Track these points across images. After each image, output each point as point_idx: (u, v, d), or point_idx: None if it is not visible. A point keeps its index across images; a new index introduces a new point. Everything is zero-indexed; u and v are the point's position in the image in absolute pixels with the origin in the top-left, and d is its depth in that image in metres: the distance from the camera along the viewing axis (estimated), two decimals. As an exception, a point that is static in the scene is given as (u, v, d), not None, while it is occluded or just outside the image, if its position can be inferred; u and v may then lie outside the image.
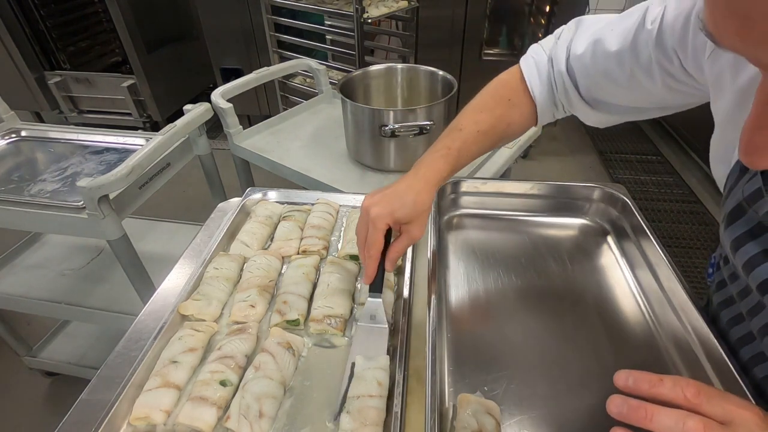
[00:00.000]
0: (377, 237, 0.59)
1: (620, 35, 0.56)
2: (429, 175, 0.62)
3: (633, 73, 0.56)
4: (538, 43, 0.69)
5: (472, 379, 0.58)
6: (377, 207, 0.58)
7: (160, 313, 0.66)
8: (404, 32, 2.31)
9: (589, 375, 0.59)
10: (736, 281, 0.52)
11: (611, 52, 0.57)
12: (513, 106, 0.67)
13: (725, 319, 0.56)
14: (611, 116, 0.66)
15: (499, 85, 0.69)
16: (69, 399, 0.54)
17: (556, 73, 0.65)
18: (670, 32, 0.50)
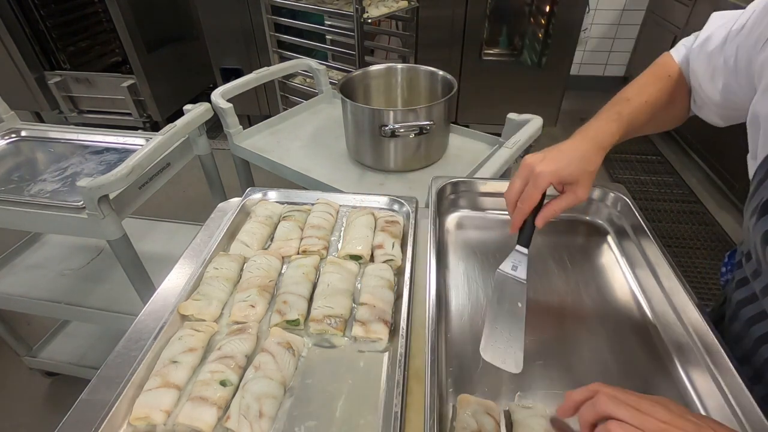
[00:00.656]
0: (535, 193, 0.58)
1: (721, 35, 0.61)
2: (599, 136, 0.61)
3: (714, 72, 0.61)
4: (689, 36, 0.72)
5: (472, 380, 0.58)
6: (542, 164, 0.58)
7: (160, 313, 0.66)
8: (404, 32, 2.31)
9: (589, 375, 0.59)
10: (759, 277, 0.52)
11: (709, 51, 0.62)
12: (673, 83, 0.67)
13: (745, 317, 0.55)
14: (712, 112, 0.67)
15: (657, 65, 0.70)
16: (69, 399, 0.54)
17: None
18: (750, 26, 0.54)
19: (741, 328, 0.56)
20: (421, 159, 1.24)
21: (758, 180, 0.50)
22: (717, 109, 0.64)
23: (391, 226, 0.78)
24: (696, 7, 2.63)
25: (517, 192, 0.60)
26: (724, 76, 0.59)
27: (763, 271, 0.50)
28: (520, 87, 2.71)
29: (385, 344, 0.61)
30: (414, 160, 1.23)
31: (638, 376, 0.59)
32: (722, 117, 0.65)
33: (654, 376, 0.59)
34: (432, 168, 1.26)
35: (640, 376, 0.59)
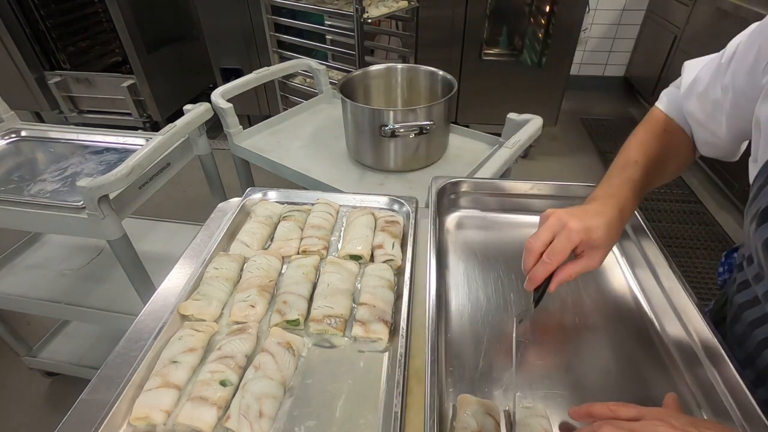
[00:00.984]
0: (567, 247, 0.55)
1: (708, 72, 0.63)
2: (622, 205, 0.59)
3: (713, 107, 0.62)
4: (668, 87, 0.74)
5: (472, 380, 0.58)
6: (576, 219, 0.55)
7: (160, 313, 0.66)
8: (404, 32, 2.31)
9: (589, 375, 0.59)
10: (762, 282, 0.52)
11: (700, 91, 0.63)
12: (670, 135, 0.68)
13: (747, 320, 0.55)
14: (716, 149, 0.67)
15: (651, 122, 0.70)
16: (69, 399, 0.54)
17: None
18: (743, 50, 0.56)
19: (743, 331, 0.56)
20: (421, 159, 1.24)
21: (758, 185, 0.50)
22: (726, 143, 0.64)
23: (391, 226, 0.78)
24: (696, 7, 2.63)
25: (544, 243, 0.56)
26: (725, 108, 0.59)
27: (765, 275, 0.50)
28: (520, 87, 2.71)
29: (385, 344, 0.61)
30: (414, 160, 1.23)
31: (638, 376, 0.59)
32: (734, 149, 0.65)
33: (654, 376, 0.59)
34: (432, 168, 1.26)
35: (639, 376, 0.59)
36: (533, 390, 0.57)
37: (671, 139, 0.68)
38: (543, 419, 0.51)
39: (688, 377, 0.58)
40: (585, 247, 0.56)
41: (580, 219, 0.55)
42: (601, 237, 0.55)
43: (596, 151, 2.93)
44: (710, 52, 0.65)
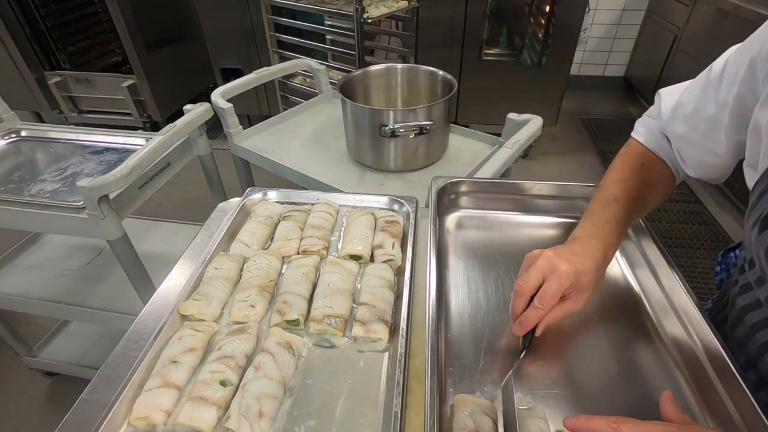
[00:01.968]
0: (558, 292, 0.54)
1: (693, 94, 0.62)
2: (606, 247, 0.58)
3: (706, 126, 0.60)
4: (641, 117, 0.74)
5: (472, 380, 0.58)
6: (566, 263, 0.54)
7: (160, 313, 0.66)
8: (404, 32, 2.31)
9: (589, 375, 0.59)
10: (764, 285, 0.51)
11: (687, 114, 0.63)
12: (648, 169, 0.67)
13: (750, 323, 0.55)
14: (705, 172, 0.67)
15: (625, 157, 0.69)
16: (69, 399, 0.54)
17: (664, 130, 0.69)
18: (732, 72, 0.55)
19: (745, 334, 0.56)
20: (421, 159, 1.24)
21: (759, 191, 0.50)
22: (726, 159, 0.62)
23: (391, 226, 0.78)
24: (696, 7, 2.63)
25: (533, 287, 0.55)
26: (723, 123, 0.58)
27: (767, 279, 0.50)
28: (520, 87, 2.71)
29: (385, 344, 0.61)
30: (414, 160, 1.23)
31: (638, 377, 0.59)
32: (731, 166, 0.64)
33: (654, 376, 0.59)
34: (432, 168, 1.26)
35: (639, 377, 0.59)
36: (533, 390, 0.57)
37: (650, 172, 0.67)
38: (541, 421, 0.51)
39: (688, 378, 0.58)
40: (572, 290, 0.56)
41: (570, 262, 0.54)
42: (589, 281, 0.55)
43: (596, 151, 2.93)
44: (710, 52, 0.66)
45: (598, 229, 0.60)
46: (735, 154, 0.61)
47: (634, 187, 0.64)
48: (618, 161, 0.69)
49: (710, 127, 0.60)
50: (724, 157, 0.62)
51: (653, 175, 0.67)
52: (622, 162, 0.68)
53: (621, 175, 0.66)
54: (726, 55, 0.58)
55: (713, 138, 0.60)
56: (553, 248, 0.58)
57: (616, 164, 0.68)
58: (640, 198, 0.64)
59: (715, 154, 0.62)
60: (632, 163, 0.68)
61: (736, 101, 0.55)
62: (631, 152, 0.70)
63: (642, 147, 0.69)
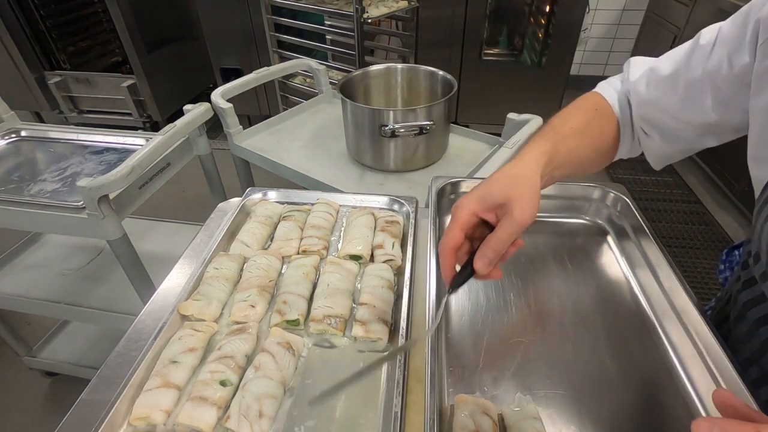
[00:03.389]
0: (452, 229, 0.48)
1: (672, 60, 0.58)
2: (525, 157, 0.52)
3: (687, 90, 0.56)
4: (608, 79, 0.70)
5: (472, 380, 0.58)
6: (462, 198, 0.49)
7: (160, 313, 0.66)
8: (404, 32, 2.31)
9: (589, 376, 0.59)
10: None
11: (664, 75, 0.58)
12: (600, 116, 0.63)
13: (753, 319, 0.55)
14: (668, 147, 0.64)
15: (581, 100, 0.65)
16: (69, 399, 0.54)
17: (625, 93, 0.65)
18: (727, 37, 0.51)
19: (748, 330, 0.56)
20: (421, 159, 1.24)
21: None
22: (700, 130, 0.59)
23: (391, 226, 0.78)
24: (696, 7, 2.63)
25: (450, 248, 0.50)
26: (717, 85, 0.53)
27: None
28: (520, 87, 2.71)
29: (385, 344, 0.61)
30: (414, 160, 1.23)
31: (638, 377, 0.59)
32: (696, 142, 0.61)
33: (654, 376, 0.59)
34: (432, 168, 1.26)
35: (640, 377, 0.59)
36: (533, 390, 0.57)
37: (601, 121, 0.63)
38: (536, 421, 0.51)
39: (688, 378, 0.58)
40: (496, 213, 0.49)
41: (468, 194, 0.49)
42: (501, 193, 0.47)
43: (596, 151, 2.92)
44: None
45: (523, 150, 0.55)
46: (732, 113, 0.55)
47: (580, 123, 0.60)
48: (571, 105, 0.64)
49: (692, 90, 0.56)
50: (697, 124, 0.58)
51: (604, 123, 0.63)
52: (575, 105, 0.64)
53: (566, 113, 0.62)
54: (718, 25, 0.55)
55: (693, 103, 0.56)
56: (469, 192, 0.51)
57: (571, 105, 0.64)
58: (581, 132, 0.59)
59: (684, 121, 0.59)
60: (584, 104, 0.64)
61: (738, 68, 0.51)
62: (588, 98, 0.65)
63: (601, 98, 0.65)
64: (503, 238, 0.47)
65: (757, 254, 0.53)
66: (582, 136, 0.59)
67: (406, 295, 0.65)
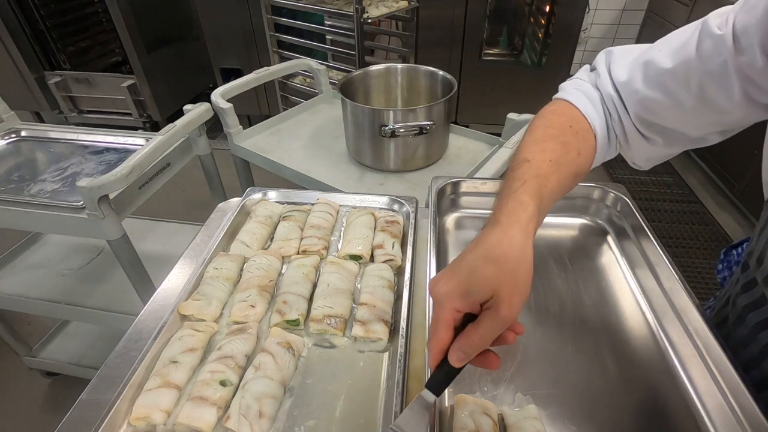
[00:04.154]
0: (437, 330, 0.41)
1: (674, 51, 0.51)
2: (509, 215, 0.44)
3: (703, 88, 0.49)
4: (571, 78, 0.61)
5: (472, 380, 0.58)
6: (438, 285, 0.42)
7: (160, 313, 0.66)
8: (404, 32, 2.31)
9: (589, 376, 0.59)
10: None
11: (667, 69, 0.51)
12: (576, 134, 0.55)
13: (752, 323, 0.54)
14: (667, 149, 0.58)
15: (552, 116, 0.57)
16: (69, 399, 0.54)
17: (606, 98, 0.58)
18: (754, 28, 0.44)
19: (747, 334, 0.55)
20: (421, 159, 1.24)
21: None
22: (711, 128, 0.54)
23: (391, 226, 0.78)
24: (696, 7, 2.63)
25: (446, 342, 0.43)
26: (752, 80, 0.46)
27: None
28: (520, 87, 2.71)
29: (385, 344, 0.61)
30: (414, 160, 1.23)
31: (638, 377, 0.59)
32: (699, 141, 0.56)
33: (654, 376, 0.59)
34: (432, 168, 1.26)
35: (640, 377, 0.59)
36: (533, 390, 0.57)
37: (577, 138, 0.56)
38: (536, 421, 0.51)
39: (688, 378, 0.58)
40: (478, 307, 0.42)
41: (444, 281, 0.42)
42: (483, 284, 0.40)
43: (596, 151, 2.92)
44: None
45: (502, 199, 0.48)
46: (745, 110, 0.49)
47: (555, 150, 0.52)
48: (539, 121, 0.56)
49: (711, 85, 0.49)
50: (709, 122, 0.53)
51: (581, 143, 0.56)
52: (545, 122, 0.56)
53: (540, 135, 0.54)
54: (725, 11, 0.48)
55: (712, 99, 0.49)
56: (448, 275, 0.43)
57: (537, 124, 0.56)
58: (560, 162, 0.52)
59: (694, 120, 0.53)
60: (558, 122, 0.56)
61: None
62: (559, 112, 0.57)
63: (573, 109, 0.57)
64: (485, 337, 0.40)
65: (761, 257, 0.52)
66: (560, 167, 0.52)
67: (406, 295, 0.65)
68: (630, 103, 0.56)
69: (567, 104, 0.58)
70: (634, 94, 0.55)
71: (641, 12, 3.31)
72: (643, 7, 3.28)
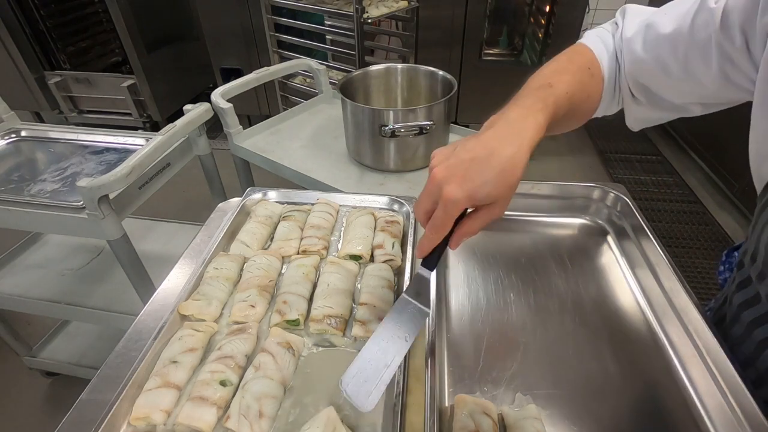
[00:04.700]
0: (447, 221, 0.47)
1: (675, 18, 0.54)
2: (524, 132, 0.48)
3: (687, 57, 0.52)
4: (596, 28, 0.65)
5: (472, 380, 0.58)
6: (452, 184, 0.45)
7: (160, 313, 0.66)
8: (404, 32, 2.31)
9: (589, 376, 0.59)
10: (765, 281, 0.51)
11: (664, 34, 0.54)
12: (591, 77, 0.60)
13: (747, 320, 0.55)
14: (652, 112, 0.62)
15: (575, 54, 0.61)
16: (69, 399, 0.54)
17: (618, 50, 0.61)
18: (739, 9, 0.47)
19: (743, 332, 0.56)
20: (421, 159, 1.24)
21: None
22: (691, 98, 0.57)
23: (391, 226, 0.78)
24: (696, 7, 2.63)
25: (425, 212, 0.50)
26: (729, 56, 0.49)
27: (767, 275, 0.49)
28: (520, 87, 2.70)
29: (385, 344, 0.61)
30: (414, 160, 1.23)
31: (638, 376, 0.59)
32: (682, 109, 0.59)
33: (654, 376, 0.59)
34: (432, 168, 1.26)
35: (640, 376, 0.59)
36: (533, 390, 0.57)
37: (592, 82, 0.60)
38: (536, 421, 0.51)
39: (688, 378, 0.58)
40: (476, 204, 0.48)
41: (459, 184, 0.45)
42: (491, 194, 0.46)
43: (596, 151, 2.92)
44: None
45: (520, 109, 0.51)
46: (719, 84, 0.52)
47: (572, 86, 0.56)
48: (564, 56, 0.61)
49: (695, 56, 0.52)
50: (689, 92, 0.56)
51: (593, 85, 0.60)
52: (569, 58, 0.61)
53: (561, 68, 0.58)
54: None
55: (694, 69, 0.53)
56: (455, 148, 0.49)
57: (562, 58, 0.61)
58: (573, 99, 0.56)
59: (677, 87, 0.56)
60: (580, 62, 0.60)
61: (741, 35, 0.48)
62: (582, 53, 0.62)
63: (592, 56, 0.61)
64: (480, 227, 0.49)
65: (754, 254, 0.53)
66: (572, 102, 0.56)
67: (406, 295, 0.65)
68: (627, 60, 0.60)
69: (586, 48, 0.62)
70: (631, 53, 0.59)
71: (641, 12, 3.31)
72: (643, 7, 3.28)
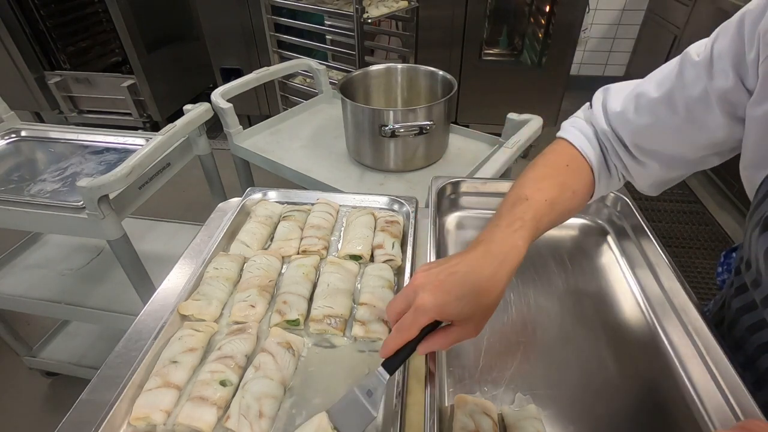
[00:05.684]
0: (413, 326, 0.47)
1: (663, 81, 0.55)
2: (504, 255, 0.48)
3: (690, 110, 0.53)
4: (570, 118, 0.66)
5: (472, 380, 0.58)
6: (426, 292, 0.46)
7: (160, 313, 0.66)
8: (404, 32, 2.31)
9: (589, 376, 0.59)
10: (759, 288, 0.51)
11: (657, 97, 0.55)
12: (572, 172, 0.60)
13: (745, 325, 0.55)
14: (667, 173, 0.60)
15: (551, 155, 0.62)
16: (69, 399, 0.54)
17: (600, 133, 0.61)
18: (727, 52, 0.49)
19: (741, 336, 0.56)
20: (421, 159, 1.24)
21: (764, 192, 0.49)
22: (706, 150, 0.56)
23: (391, 226, 0.78)
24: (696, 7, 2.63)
25: (396, 313, 0.49)
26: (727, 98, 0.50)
27: (763, 281, 0.50)
28: (520, 87, 2.71)
29: (385, 344, 0.61)
30: (414, 160, 1.23)
31: (638, 377, 0.59)
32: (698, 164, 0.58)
33: (654, 376, 0.59)
34: (432, 168, 1.26)
35: (640, 377, 0.59)
36: (533, 390, 0.57)
37: (574, 176, 0.60)
38: (536, 421, 0.51)
39: (688, 378, 0.58)
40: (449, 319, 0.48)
41: (433, 294, 0.46)
42: (462, 311, 0.46)
43: (596, 151, 2.92)
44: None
45: (500, 230, 0.51)
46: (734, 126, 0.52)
47: (551, 191, 0.56)
48: (542, 160, 0.62)
49: (696, 108, 0.53)
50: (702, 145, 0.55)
51: (576, 181, 0.60)
52: (545, 161, 0.61)
53: (537, 176, 0.59)
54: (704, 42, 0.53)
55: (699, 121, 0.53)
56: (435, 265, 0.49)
57: (540, 162, 0.61)
58: (555, 203, 0.56)
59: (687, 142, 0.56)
60: (556, 162, 0.61)
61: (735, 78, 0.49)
62: (560, 151, 0.62)
63: (571, 148, 0.61)
64: (451, 343, 0.48)
65: (748, 261, 0.53)
66: (555, 207, 0.56)
67: (406, 295, 0.65)
68: (625, 133, 0.59)
69: (565, 143, 0.62)
70: (628, 123, 0.58)
71: (641, 12, 3.31)
72: (643, 7, 3.28)
